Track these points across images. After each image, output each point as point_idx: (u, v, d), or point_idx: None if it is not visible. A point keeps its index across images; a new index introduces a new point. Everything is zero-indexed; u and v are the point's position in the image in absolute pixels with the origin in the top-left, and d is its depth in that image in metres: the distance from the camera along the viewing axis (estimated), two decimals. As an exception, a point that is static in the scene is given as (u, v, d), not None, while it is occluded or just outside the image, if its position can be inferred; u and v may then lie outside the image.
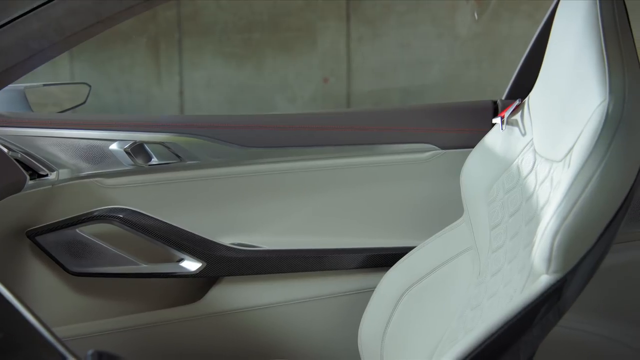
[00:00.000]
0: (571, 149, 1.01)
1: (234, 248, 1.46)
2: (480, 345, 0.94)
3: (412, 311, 1.32)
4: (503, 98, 1.52)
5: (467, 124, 1.48)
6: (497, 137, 1.30)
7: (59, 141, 1.44)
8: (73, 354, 0.87)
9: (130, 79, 4.66)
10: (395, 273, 1.36)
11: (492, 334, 0.94)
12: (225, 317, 1.49)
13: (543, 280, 0.96)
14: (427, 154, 1.50)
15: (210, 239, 1.46)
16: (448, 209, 1.44)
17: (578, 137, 0.99)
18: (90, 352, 0.73)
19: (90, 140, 1.44)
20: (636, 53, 1.04)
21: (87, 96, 1.71)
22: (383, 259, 1.47)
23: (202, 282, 1.52)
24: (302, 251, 1.48)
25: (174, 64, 4.61)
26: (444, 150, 1.49)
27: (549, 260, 0.95)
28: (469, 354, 0.93)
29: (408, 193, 1.51)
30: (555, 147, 1.08)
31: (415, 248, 1.37)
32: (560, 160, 1.05)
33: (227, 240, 1.49)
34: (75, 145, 1.44)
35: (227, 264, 1.45)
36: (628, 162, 0.97)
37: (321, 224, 1.52)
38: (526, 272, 1.03)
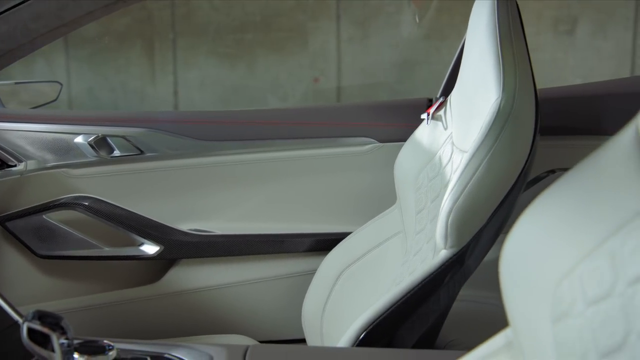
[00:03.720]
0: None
1: (189, 233, 1.58)
2: (387, 309, 1.08)
3: (348, 289, 1.44)
4: (438, 96, 1.63)
5: (404, 119, 1.60)
6: (424, 131, 1.43)
7: (26, 134, 1.56)
8: (19, 314, 0.99)
9: (125, 79, 4.76)
10: (334, 255, 1.49)
11: (397, 301, 1.08)
12: (183, 296, 1.61)
13: (442, 254, 1.09)
14: (367, 147, 1.62)
15: (169, 224, 1.58)
16: (386, 196, 1.56)
17: (480, 130, 1.12)
18: (31, 311, 0.84)
19: (56, 134, 1.57)
20: (528, 54, 1.17)
21: (59, 93, 1.83)
22: (327, 243, 1.58)
23: (161, 264, 1.64)
24: (252, 236, 1.60)
25: (169, 63, 4.71)
26: (382, 144, 1.61)
27: (446, 236, 1.08)
28: (379, 316, 1.08)
29: (350, 182, 1.63)
30: (466, 139, 1.20)
31: (352, 232, 1.49)
32: (468, 151, 1.17)
33: (184, 226, 1.61)
34: (42, 138, 1.57)
35: (183, 247, 1.57)
36: (515, 151, 1.10)
37: (271, 212, 1.64)
38: (434, 249, 1.16)
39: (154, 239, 1.56)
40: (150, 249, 1.56)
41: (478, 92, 1.19)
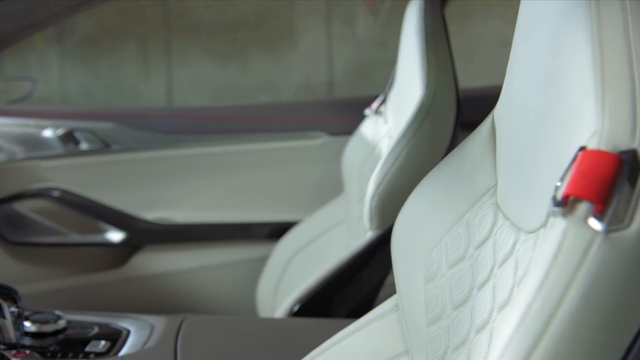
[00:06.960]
0: None
1: (152, 222, 1.69)
2: (319, 284, 1.21)
3: (298, 272, 1.53)
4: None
5: (354, 114, 1.69)
6: (368, 126, 1.53)
7: None
8: None
9: (119, 77, 4.81)
10: (286, 242, 1.59)
11: (329, 277, 1.21)
12: (146, 280, 1.71)
13: (368, 235, 1.21)
14: (319, 140, 1.72)
15: (133, 214, 1.68)
16: (336, 187, 1.66)
17: None
18: None
19: (25, 128, 1.67)
20: (450, 54, 1.27)
21: (30, 91, 1.91)
22: (281, 231, 1.66)
23: (126, 251, 1.73)
24: (212, 224, 1.71)
25: (162, 63, 4.77)
26: (333, 137, 1.71)
27: (371, 219, 1.18)
28: (312, 291, 1.21)
29: (302, 174, 1.73)
30: (398, 132, 1.30)
31: (303, 220, 1.59)
32: (392, 141, 1.27)
33: (149, 215, 1.71)
34: (11, 132, 1.67)
35: (146, 234, 1.68)
36: (434, 143, 1.20)
37: (229, 201, 1.74)
38: (364, 231, 1.26)
39: (120, 227, 1.66)
40: (115, 236, 1.66)
41: (405, 88, 1.29)
